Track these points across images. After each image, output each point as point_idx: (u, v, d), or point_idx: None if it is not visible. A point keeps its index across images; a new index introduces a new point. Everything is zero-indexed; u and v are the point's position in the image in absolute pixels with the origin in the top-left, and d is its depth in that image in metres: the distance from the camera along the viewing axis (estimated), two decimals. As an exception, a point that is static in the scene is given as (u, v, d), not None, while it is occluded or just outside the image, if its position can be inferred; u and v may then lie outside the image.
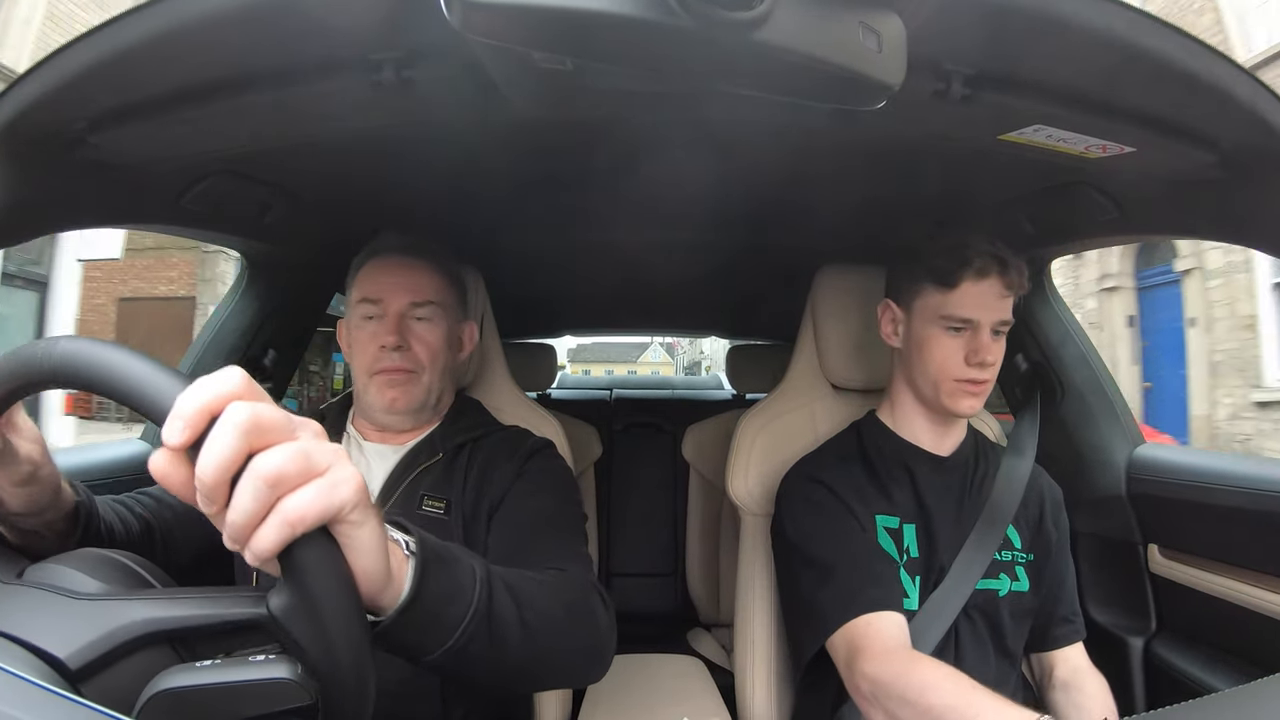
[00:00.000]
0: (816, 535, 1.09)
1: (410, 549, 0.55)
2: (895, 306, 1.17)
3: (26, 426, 0.60)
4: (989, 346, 1.07)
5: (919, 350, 1.12)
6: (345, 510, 0.44)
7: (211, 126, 0.86)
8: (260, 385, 0.46)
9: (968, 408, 1.10)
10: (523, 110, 0.84)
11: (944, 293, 1.08)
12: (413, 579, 0.54)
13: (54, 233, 0.96)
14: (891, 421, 1.21)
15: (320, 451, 0.44)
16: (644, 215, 1.45)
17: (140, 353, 0.46)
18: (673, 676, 1.61)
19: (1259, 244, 0.95)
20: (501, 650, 0.63)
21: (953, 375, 1.09)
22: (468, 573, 0.62)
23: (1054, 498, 1.21)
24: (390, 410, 1.08)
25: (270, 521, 0.42)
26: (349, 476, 0.45)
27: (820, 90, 0.57)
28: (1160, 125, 0.81)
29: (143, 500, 0.95)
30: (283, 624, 0.45)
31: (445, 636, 0.57)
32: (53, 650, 0.43)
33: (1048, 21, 0.65)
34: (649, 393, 3.28)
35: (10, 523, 0.63)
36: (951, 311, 1.08)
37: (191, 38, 0.67)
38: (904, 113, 0.80)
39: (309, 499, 0.42)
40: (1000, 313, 1.08)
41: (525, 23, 0.48)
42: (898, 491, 1.14)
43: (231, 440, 0.41)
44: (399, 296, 1.09)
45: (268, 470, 0.41)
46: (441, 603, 0.57)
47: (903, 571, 1.08)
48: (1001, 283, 1.07)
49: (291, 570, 0.44)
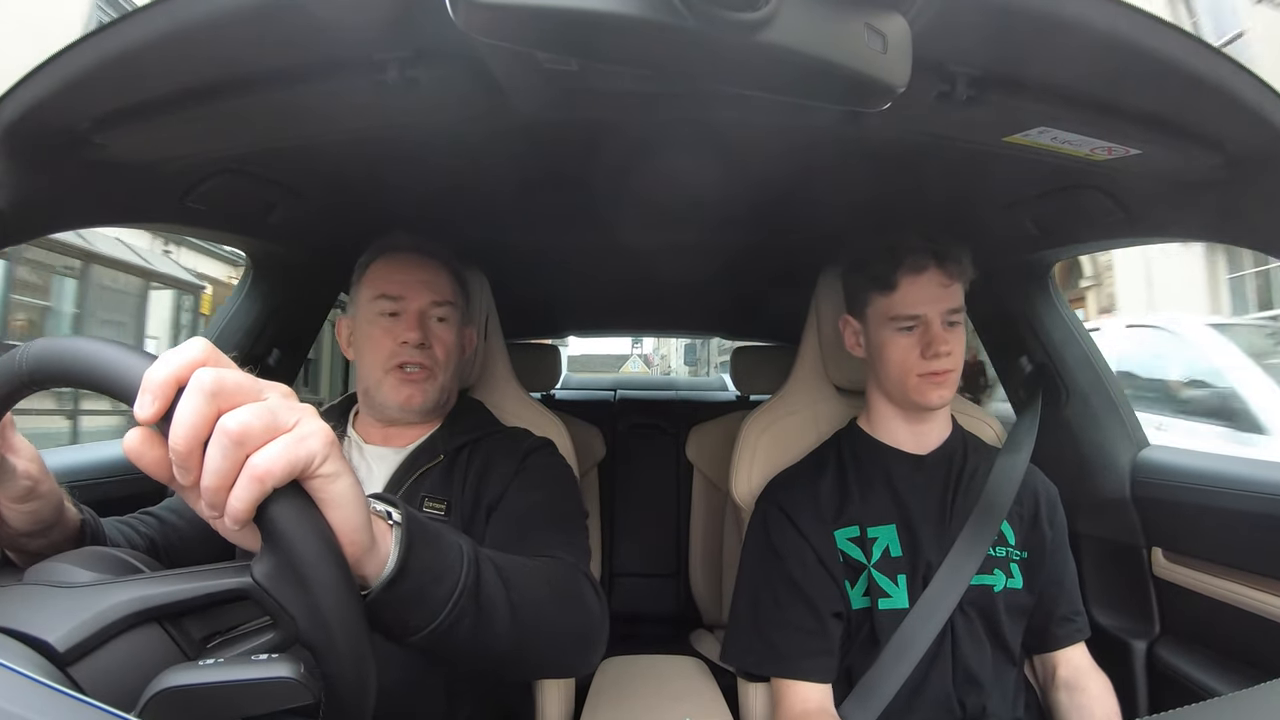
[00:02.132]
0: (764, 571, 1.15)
1: (394, 519, 0.55)
2: (852, 319, 1.22)
3: (20, 443, 0.60)
4: (942, 337, 1.09)
5: (879, 355, 1.16)
6: (315, 463, 0.44)
7: (216, 126, 0.86)
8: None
9: (937, 399, 1.12)
10: (527, 111, 0.84)
11: (887, 295, 1.12)
12: (398, 551, 0.53)
13: (59, 231, 0.96)
14: (870, 427, 1.23)
15: (286, 408, 0.45)
16: (649, 216, 1.45)
17: (107, 339, 0.46)
18: (675, 677, 1.60)
19: (1265, 246, 0.94)
20: (489, 631, 0.63)
21: (914, 371, 1.11)
22: (455, 550, 0.61)
23: (1049, 496, 1.22)
24: (405, 407, 1.08)
25: (240, 480, 0.42)
26: (316, 430, 0.45)
27: (825, 91, 0.57)
28: (1166, 127, 0.80)
29: (147, 520, 0.96)
30: (268, 590, 0.45)
31: (432, 614, 0.57)
32: (40, 635, 0.43)
33: (1053, 23, 0.65)
34: (653, 394, 3.27)
35: (19, 545, 0.63)
36: (898, 311, 1.11)
37: (196, 37, 0.68)
38: (908, 114, 0.80)
39: (275, 453, 0.42)
40: (946, 302, 1.10)
41: (530, 23, 0.48)
42: (872, 495, 1.16)
43: (199, 404, 0.42)
44: (421, 294, 1.09)
45: (233, 427, 0.41)
46: (428, 578, 0.57)
47: (875, 572, 1.10)
48: (941, 274, 1.10)
49: (269, 532, 0.44)
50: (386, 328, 1.09)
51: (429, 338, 1.08)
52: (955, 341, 1.11)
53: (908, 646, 1.04)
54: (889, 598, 1.09)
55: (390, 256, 1.13)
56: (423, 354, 1.07)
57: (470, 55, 0.73)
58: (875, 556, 1.11)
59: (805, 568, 1.11)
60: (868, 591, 1.10)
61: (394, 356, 1.07)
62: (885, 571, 1.10)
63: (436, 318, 1.10)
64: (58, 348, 0.47)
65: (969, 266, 1.12)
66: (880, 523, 1.13)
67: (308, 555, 0.44)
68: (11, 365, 0.48)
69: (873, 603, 1.09)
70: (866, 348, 1.20)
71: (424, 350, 1.07)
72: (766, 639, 1.10)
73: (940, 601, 1.06)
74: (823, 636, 1.08)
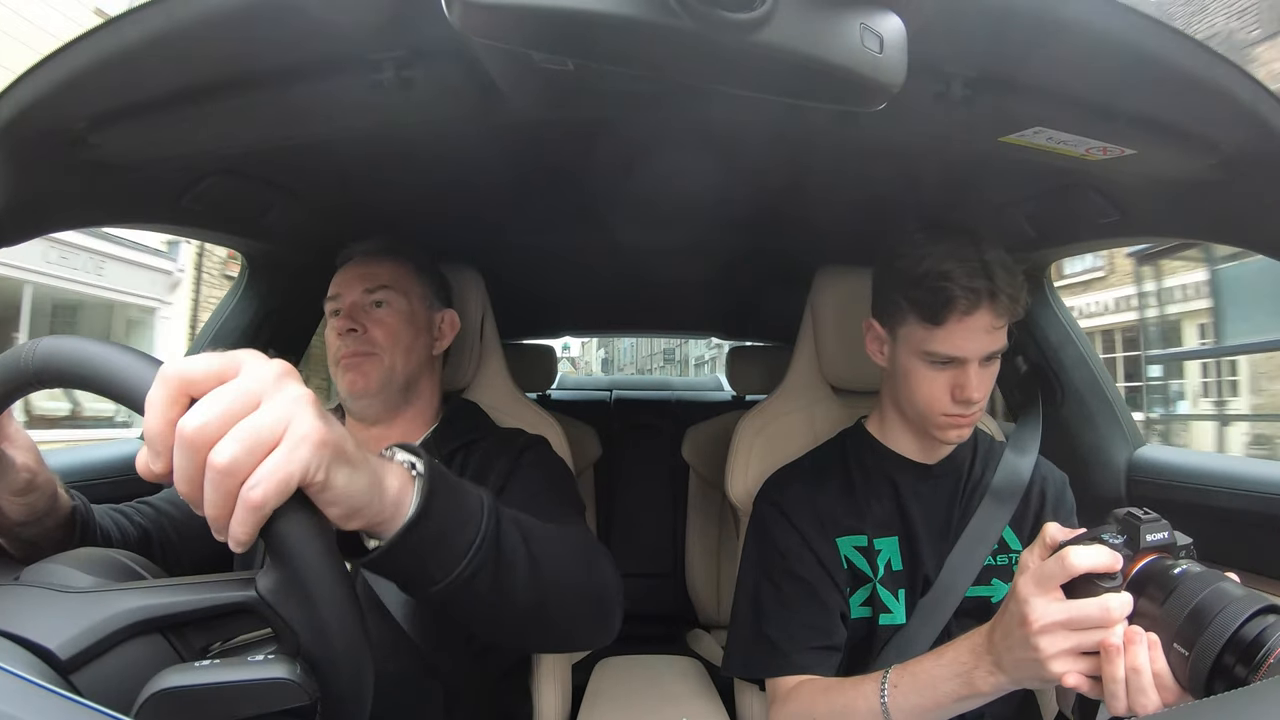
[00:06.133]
0: (765, 570, 1.10)
1: (417, 470, 0.55)
2: (878, 326, 1.10)
3: (19, 435, 0.60)
4: (976, 382, 0.99)
5: (904, 380, 1.06)
6: (310, 472, 0.44)
7: (212, 126, 0.86)
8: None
9: (955, 438, 1.06)
10: (523, 111, 0.84)
11: (928, 328, 1.00)
12: (419, 499, 0.53)
13: (55, 232, 0.96)
14: (879, 433, 1.17)
15: (271, 415, 0.43)
16: (644, 216, 1.45)
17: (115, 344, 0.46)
18: (672, 677, 1.60)
19: (1259, 246, 0.95)
20: (510, 585, 0.62)
21: (940, 410, 1.02)
22: (475, 501, 0.60)
23: (1056, 487, 1.16)
24: (351, 393, 1.08)
25: (237, 512, 0.42)
26: (305, 432, 0.44)
27: (821, 91, 0.57)
28: (1161, 127, 0.81)
29: (141, 509, 0.95)
30: (272, 605, 0.45)
31: (451, 565, 0.56)
32: (43, 641, 0.43)
33: (1049, 24, 0.65)
34: (648, 394, 3.27)
35: (11, 533, 0.63)
36: (935, 349, 1.00)
37: (192, 37, 0.68)
38: (904, 114, 0.80)
39: (267, 477, 0.42)
40: (990, 345, 0.99)
41: (526, 23, 0.48)
42: (877, 505, 1.11)
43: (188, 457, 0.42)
44: (353, 287, 1.11)
45: (221, 462, 0.41)
46: (448, 526, 0.56)
47: (880, 588, 1.06)
48: (992, 315, 0.97)
49: (273, 547, 0.44)
50: (332, 326, 1.11)
51: (364, 323, 1.09)
52: (987, 382, 1.01)
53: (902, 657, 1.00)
54: (890, 613, 1.05)
55: (342, 265, 1.16)
56: (355, 340, 1.08)
57: (466, 55, 0.73)
58: (880, 571, 1.07)
59: (808, 566, 1.07)
60: (868, 603, 1.07)
61: (337, 351, 1.09)
62: (888, 586, 1.06)
63: (373, 303, 1.11)
64: (67, 349, 0.46)
65: (1023, 301, 0.99)
66: (884, 534, 1.09)
67: (313, 573, 0.44)
68: (18, 361, 0.48)
69: (874, 616, 1.06)
70: (890, 361, 1.09)
71: (356, 336, 1.08)
72: (767, 639, 1.05)
73: (933, 615, 1.04)
74: (827, 633, 1.04)
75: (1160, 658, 0.64)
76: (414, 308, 1.14)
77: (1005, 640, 0.74)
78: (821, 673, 1.02)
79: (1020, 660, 0.72)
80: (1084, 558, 0.68)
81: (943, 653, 0.85)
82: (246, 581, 0.46)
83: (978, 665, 0.79)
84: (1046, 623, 0.69)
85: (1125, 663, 0.65)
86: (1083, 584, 0.68)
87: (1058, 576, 0.69)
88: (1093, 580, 0.67)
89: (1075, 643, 0.68)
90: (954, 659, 0.83)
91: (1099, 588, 0.67)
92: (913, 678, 0.86)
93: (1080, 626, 0.68)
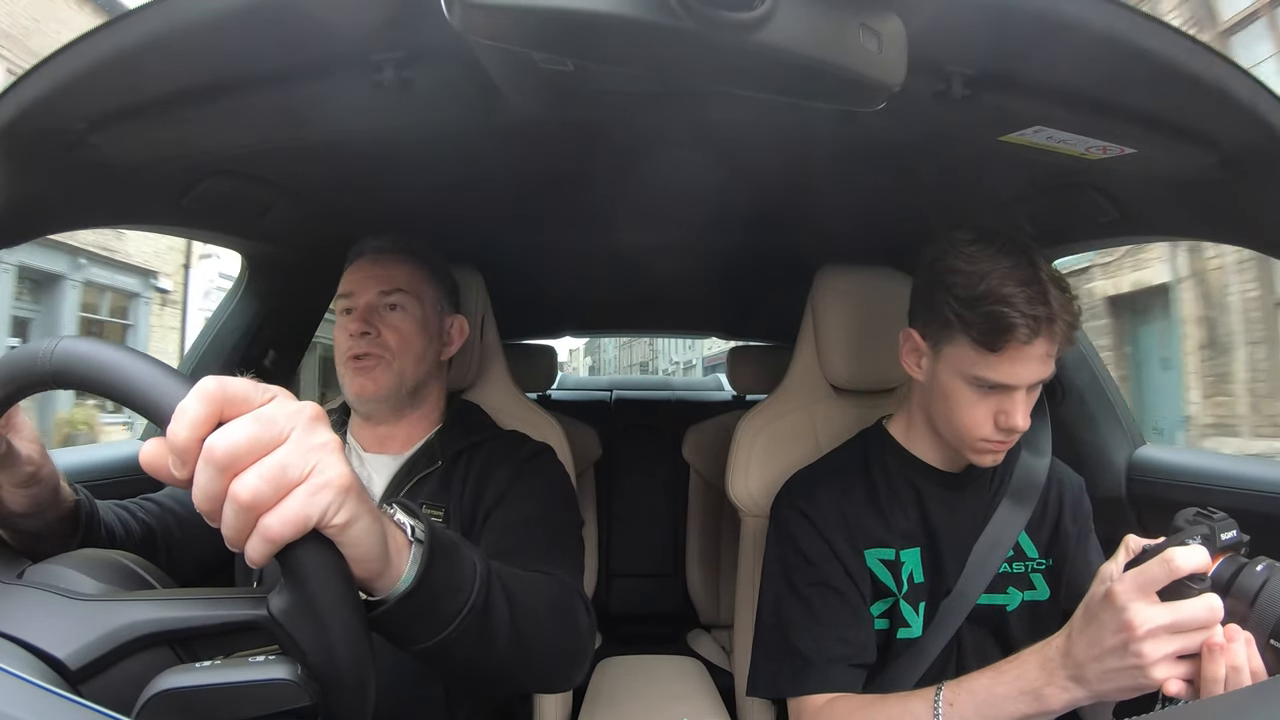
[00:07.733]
0: (790, 579, 1.04)
1: (416, 535, 0.55)
2: (919, 339, 1.02)
3: (26, 427, 0.61)
4: (1021, 408, 0.94)
5: (944, 399, 0.99)
6: (328, 515, 0.44)
7: (212, 127, 0.86)
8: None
9: (990, 462, 1.01)
10: (523, 111, 0.84)
11: (980, 353, 0.93)
12: (418, 567, 0.53)
13: (54, 233, 0.96)
14: (904, 438, 1.11)
15: (301, 455, 0.43)
16: (644, 216, 1.45)
17: (141, 353, 0.46)
18: (672, 677, 1.61)
19: (1259, 245, 0.95)
20: (489, 648, 0.63)
21: (979, 436, 0.97)
22: (469, 567, 0.61)
23: (1073, 491, 1.12)
24: (360, 397, 1.08)
25: (253, 538, 0.42)
26: (331, 478, 0.44)
27: (821, 91, 0.57)
28: (1161, 126, 0.80)
29: (146, 506, 0.95)
30: (284, 626, 0.45)
31: (438, 628, 0.57)
32: (52, 651, 0.43)
33: (1048, 22, 0.65)
34: (649, 394, 3.27)
35: (12, 525, 0.63)
36: (985, 375, 0.93)
37: (192, 38, 0.68)
38: (904, 113, 0.80)
39: (286, 514, 0.42)
40: (1040, 374, 0.93)
41: (526, 24, 0.48)
42: (901, 514, 1.06)
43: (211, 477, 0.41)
44: (368, 288, 1.11)
45: (244, 495, 0.41)
46: (441, 595, 0.57)
47: (903, 603, 1.03)
48: (1048, 343, 0.91)
49: (289, 570, 0.44)
50: (343, 325, 1.11)
51: (377, 326, 1.08)
52: (1030, 408, 0.96)
53: (912, 667, 1.01)
54: (908, 627, 1.03)
55: (355, 261, 1.15)
56: (368, 343, 1.07)
57: (466, 56, 0.73)
58: (905, 586, 1.03)
59: (837, 575, 1.02)
60: (887, 615, 1.04)
61: (347, 350, 1.08)
62: (910, 600, 1.03)
63: (387, 306, 1.10)
64: (89, 353, 0.46)
65: (1079, 327, 0.95)
66: (908, 545, 1.05)
67: (327, 601, 0.44)
68: (35, 359, 0.47)
69: (891, 629, 1.03)
70: (928, 375, 1.02)
71: (369, 339, 1.07)
72: (797, 652, 0.99)
73: (945, 623, 1.02)
74: (861, 648, 0.99)
75: (1256, 654, 0.64)
76: (427, 313, 1.14)
77: (1092, 650, 0.72)
78: (852, 688, 0.98)
79: (1111, 670, 0.70)
80: (1189, 559, 0.67)
81: (1003, 669, 0.81)
82: (258, 600, 0.46)
83: (1050, 681, 0.76)
84: (1152, 627, 0.67)
85: (1225, 661, 0.64)
86: (1172, 587, 0.67)
87: (1160, 580, 0.68)
88: (1183, 583, 0.67)
89: (1179, 645, 0.67)
90: (1019, 675, 0.79)
91: (1190, 589, 0.66)
92: (971, 695, 0.82)
93: (1186, 629, 0.66)
